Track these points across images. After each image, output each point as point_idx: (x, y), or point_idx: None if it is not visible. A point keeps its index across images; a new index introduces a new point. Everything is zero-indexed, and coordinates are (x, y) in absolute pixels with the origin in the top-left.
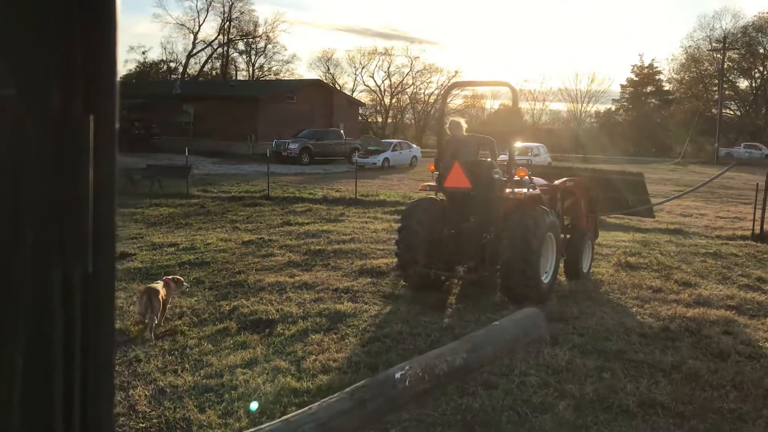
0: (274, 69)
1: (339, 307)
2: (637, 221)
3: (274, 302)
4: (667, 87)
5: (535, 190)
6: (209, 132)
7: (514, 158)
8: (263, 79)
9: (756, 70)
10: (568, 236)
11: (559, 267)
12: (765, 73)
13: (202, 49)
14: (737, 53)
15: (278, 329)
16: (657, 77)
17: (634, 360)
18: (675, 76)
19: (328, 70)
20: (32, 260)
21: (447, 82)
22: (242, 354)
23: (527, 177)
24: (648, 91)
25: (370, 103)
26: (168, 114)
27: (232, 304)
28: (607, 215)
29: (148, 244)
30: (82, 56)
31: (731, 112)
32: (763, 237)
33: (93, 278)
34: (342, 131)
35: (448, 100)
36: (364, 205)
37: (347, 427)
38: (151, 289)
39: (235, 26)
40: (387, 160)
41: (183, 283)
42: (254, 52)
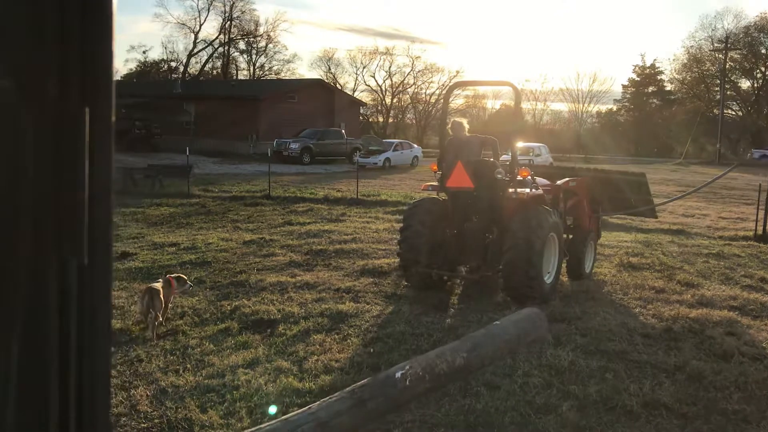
0: (275, 68)
1: (341, 307)
2: (639, 221)
3: (275, 302)
4: (668, 87)
5: (538, 190)
6: (210, 132)
7: (517, 158)
8: (264, 79)
9: (758, 71)
10: (570, 236)
11: (562, 267)
12: (767, 73)
13: (203, 49)
14: (739, 53)
15: (280, 329)
16: (659, 77)
17: (637, 361)
18: (677, 76)
19: (329, 69)
20: (28, 257)
21: (448, 82)
22: (244, 354)
23: (530, 177)
24: (650, 91)
25: (371, 103)
26: (169, 113)
27: (233, 304)
28: (610, 215)
29: (149, 244)
30: (78, 51)
31: (733, 113)
32: (765, 237)
33: (89, 273)
34: (343, 131)
35: (450, 100)
36: (366, 205)
37: (347, 426)
38: (152, 288)
39: (236, 25)
40: (388, 160)
41: (186, 282)
42: (255, 51)
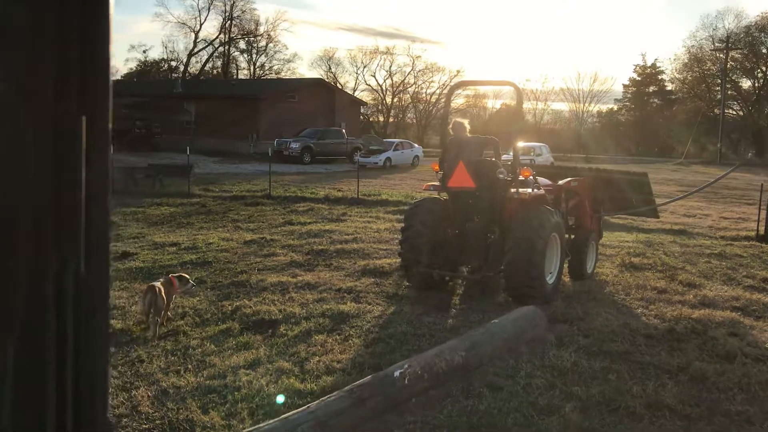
0: (275, 68)
1: (342, 307)
2: (640, 221)
3: (276, 302)
4: (669, 87)
5: (540, 190)
6: (210, 131)
7: (519, 158)
8: (265, 78)
9: (759, 70)
10: (572, 236)
11: (564, 267)
12: None
13: (203, 48)
14: (740, 53)
15: (281, 330)
16: (659, 77)
17: (640, 362)
18: (677, 75)
19: (330, 69)
20: (25, 260)
21: (449, 82)
22: (245, 355)
23: (532, 177)
24: (650, 90)
25: (371, 103)
26: (169, 113)
27: (234, 305)
28: (612, 215)
29: (149, 244)
30: (77, 51)
31: (734, 112)
32: (767, 238)
33: (87, 277)
34: (344, 130)
35: (452, 100)
36: (366, 205)
37: (346, 425)
38: (153, 287)
39: (237, 25)
40: (389, 159)
41: (189, 281)
42: (255, 51)
